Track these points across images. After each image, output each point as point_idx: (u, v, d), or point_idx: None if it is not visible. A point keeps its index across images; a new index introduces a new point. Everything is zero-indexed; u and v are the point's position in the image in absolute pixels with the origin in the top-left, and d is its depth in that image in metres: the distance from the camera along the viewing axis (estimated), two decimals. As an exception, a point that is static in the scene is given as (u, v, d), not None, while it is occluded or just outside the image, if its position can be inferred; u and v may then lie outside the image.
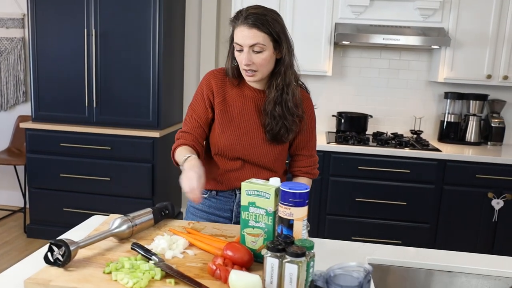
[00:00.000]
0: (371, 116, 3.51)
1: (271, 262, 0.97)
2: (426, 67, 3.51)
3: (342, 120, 3.44)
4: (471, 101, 3.36)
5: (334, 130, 3.54)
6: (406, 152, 3.02)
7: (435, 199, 3.04)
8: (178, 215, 3.83)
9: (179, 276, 1.02)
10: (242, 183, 1.15)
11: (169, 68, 3.37)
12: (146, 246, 1.17)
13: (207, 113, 1.55)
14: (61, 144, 3.32)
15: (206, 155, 1.62)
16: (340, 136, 3.24)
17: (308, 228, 1.25)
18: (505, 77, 3.13)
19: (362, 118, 3.45)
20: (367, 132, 3.48)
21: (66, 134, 3.31)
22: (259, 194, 1.12)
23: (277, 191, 1.11)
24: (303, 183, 1.08)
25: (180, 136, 1.56)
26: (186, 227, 1.38)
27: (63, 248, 1.04)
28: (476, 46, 3.12)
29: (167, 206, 1.41)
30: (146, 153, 3.29)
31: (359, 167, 3.06)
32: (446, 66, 3.18)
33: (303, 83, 1.63)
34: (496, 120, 3.39)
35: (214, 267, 1.04)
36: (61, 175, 3.36)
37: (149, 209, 1.34)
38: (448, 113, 3.41)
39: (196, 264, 1.12)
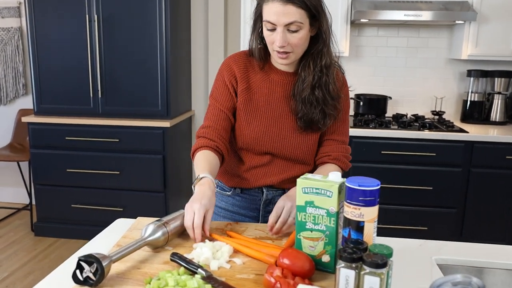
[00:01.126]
0: (391, 98, 3.34)
1: (345, 274, 0.82)
2: (446, 44, 3.34)
3: (361, 103, 3.27)
4: (495, 79, 3.19)
5: (352, 113, 3.38)
6: (431, 134, 2.86)
7: (462, 183, 2.90)
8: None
9: (234, 292, 0.87)
10: (298, 180, 0.99)
11: (176, 54, 3.19)
12: (186, 255, 1.02)
13: (233, 100, 1.37)
14: (66, 138, 3.15)
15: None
16: (360, 120, 3.08)
17: None
18: (534, 52, 2.96)
19: (381, 100, 3.28)
20: (386, 115, 3.32)
21: (71, 127, 3.14)
22: (318, 192, 0.96)
23: (340, 188, 0.95)
24: (372, 178, 0.92)
25: (201, 133, 1.35)
26: (225, 229, 1.22)
27: (95, 265, 0.88)
28: (503, 20, 2.94)
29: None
30: (156, 144, 3.12)
31: (382, 152, 2.91)
32: (470, 43, 3.00)
33: (337, 62, 1.44)
34: (522, 98, 3.24)
35: (273, 280, 0.89)
36: (67, 170, 3.20)
37: (182, 211, 1.17)
38: (472, 92, 3.24)
39: (248, 275, 0.97)
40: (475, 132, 2.91)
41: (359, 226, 0.91)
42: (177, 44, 3.19)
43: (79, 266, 0.90)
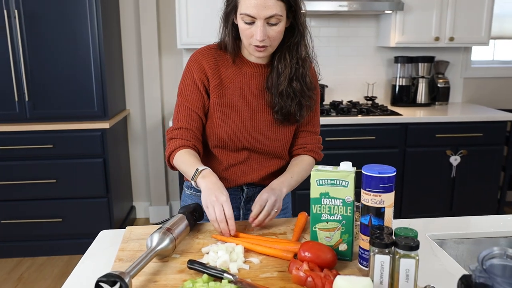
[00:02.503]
0: (327, 86, 3.46)
1: (380, 260, 0.84)
2: (374, 33, 3.53)
3: (301, 93, 3.34)
4: (419, 64, 3.45)
5: (292, 103, 3.45)
6: (370, 119, 3.03)
7: (400, 162, 3.11)
8: (131, 211, 3.52)
9: (270, 293, 0.85)
10: (312, 173, 0.99)
11: (109, 50, 2.99)
12: (200, 261, 0.97)
13: (203, 100, 1.32)
14: (-10, 148, 2.84)
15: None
16: (302, 109, 3.15)
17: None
18: (451, 39, 3.24)
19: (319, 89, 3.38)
20: (324, 103, 3.44)
21: (-5, 135, 2.83)
22: (333, 182, 0.97)
23: (355, 176, 0.97)
24: (387, 165, 0.95)
25: (175, 134, 1.30)
26: (225, 229, 1.18)
27: (119, 284, 0.81)
28: (424, 10, 3.18)
29: (196, 208, 1.20)
30: (95, 147, 2.92)
31: (326, 139, 3.01)
32: (397, 31, 3.21)
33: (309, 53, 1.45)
34: (442, 81, 3.54)
35: (303, 274, 0.88)
36: (-7, 183, 2.89)
37: (180, 215, 1.12)
38: (399, 77, 3.47)
39: (271, 274, 0.95)
40: (407, 115, 3.13)
41: (379, 212, 0.93)
42: (109, 40, 3.00)
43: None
